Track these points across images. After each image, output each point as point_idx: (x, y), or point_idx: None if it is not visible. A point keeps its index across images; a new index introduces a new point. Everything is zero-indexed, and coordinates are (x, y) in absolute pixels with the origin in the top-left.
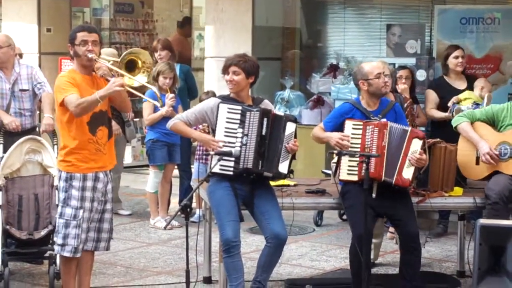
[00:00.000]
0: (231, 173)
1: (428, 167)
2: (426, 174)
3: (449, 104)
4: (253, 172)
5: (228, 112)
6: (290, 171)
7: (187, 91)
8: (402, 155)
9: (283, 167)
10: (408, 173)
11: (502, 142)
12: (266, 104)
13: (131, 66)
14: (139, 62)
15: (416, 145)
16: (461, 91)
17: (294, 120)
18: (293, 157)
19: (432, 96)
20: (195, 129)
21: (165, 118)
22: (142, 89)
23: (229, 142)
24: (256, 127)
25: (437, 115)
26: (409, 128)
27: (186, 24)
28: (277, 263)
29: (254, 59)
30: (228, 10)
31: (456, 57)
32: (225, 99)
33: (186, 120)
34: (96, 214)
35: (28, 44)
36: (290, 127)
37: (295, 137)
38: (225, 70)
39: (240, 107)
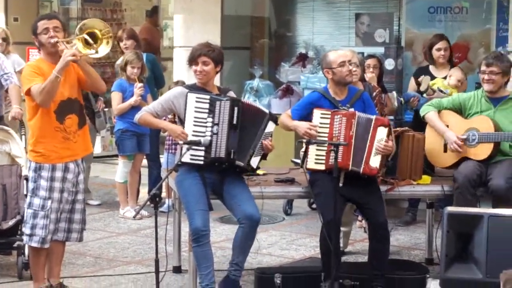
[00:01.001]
0: (201, 162)
1: (396, 155)
2: (395, 162)
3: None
4: (225, 162)
5: (197, 101)
6: (257, 168)
7: (154, 81)
8: (368, 143)
9: (254, 161)
10: (375, 161)
11: (470, 128)
12: (231, 94)
13: (92, 39)
14: (98, 32)
15: (382, 133)
16: None
17: (275, 121)
18: (265, 157)
19: (411, 84)
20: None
21: (135, 108)
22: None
23: (199, 132)
24: (227, 116)
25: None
26: (374, 117)
27: (154, 13)
28: (252, 245)
29: (219, 47)
30: None
31: (439, 49)
32: (192, 88)
33: (153, 111)
34: (67, 205)
35: None
36: (270, 127)
37: (271, 136)
38: (193, 61)
39: (208, 96)
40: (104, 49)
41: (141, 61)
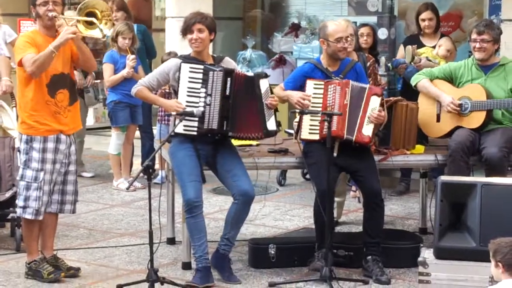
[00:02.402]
0: (195, 133)
1: (389, 125)
2: (388, 132)
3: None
4: (217, 133)
5: (190, 71)
6: (279, 124)
7: (146, 52)
8: (361, 112)
9: (271, 124)
10: (367, 130)
11: (462, 97)
12: (227, 62)
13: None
14: (98, 12)
15: (375, 102)
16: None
17: (265, 75)
18: (276, 110)
19: (402, 52)
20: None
21: (127, 80)
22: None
23: (193, 102)
24: (220, 87)
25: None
26: (367, 86)
27: None
28: (245, 220)
29: (211, 16)
30: None
31: (423, 20)
32: (187, 58)
33: (149, 85)
34: (59, 176)
35: None
36: (264, 84)
37: (271, 92)
38: (188, 30)
39: (202, 66)
40: (102, 30)
41: (132, 32)
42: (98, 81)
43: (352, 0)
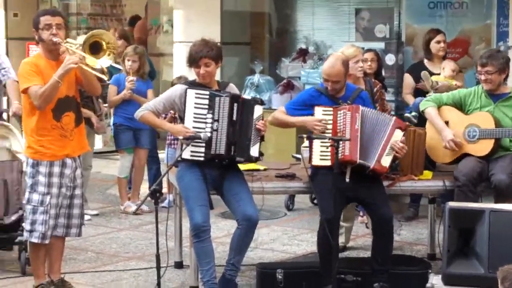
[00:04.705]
0: (202, 159)
1: None
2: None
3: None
4: (225, 158)
5: (196, 97)
6: (260, 154)
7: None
8: (383, 142)
9: (254, 151)
10: (386, 160)
11: (470, 124)
12: (232, 88)
13: (96, 48)
14: (104, 43)
15: (398, 135)
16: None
17: (261, 102)
18: (262, 139)
19: (408, 81)
20: (165, 117)
21: (127, 102)
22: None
23: (199, 128)
24: (227, 113)
25: (411, 101)
26: (394, 118)
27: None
28: (249, 245)
29: (216, 43)
30: None
31: (438, 42)
32: (192, 84)
33: (155, 109)
34: (65, 200)
35: None
36: (257, 110)
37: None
38: (194, 63)
39: (207, 92)
40: (105, 61)
41: (137, 55)
42: (106, 105)
43: (360, 26)
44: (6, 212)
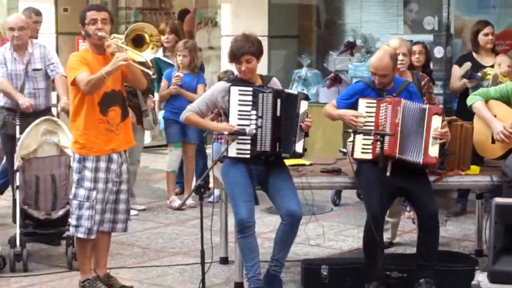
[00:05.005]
0: (248, 156)
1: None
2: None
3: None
4: (271, 155)
5: (240, 94)
6: (304, 149)
7: None
8: (424, 134)
9: (298, 147)
10: (434, 151)
11: None
12: (274, 82)
13: (139, 42)
14: (146, 36)
15: (437, 121)
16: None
17: (306, 97)
18: (306, 135)
19: (456, 72)
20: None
21: (174, 97)
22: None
23: (244, 125)
24: (271, 109)
25: (455, 85)
26: (427, 106)
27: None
28: (293, 241)
29: (256, 37)
30: None
31: (486, 34)
32: (234, 81)
33: (198, 110)
34: (111, 195)
35: (45, 24)
36: (303, 106)
37: (307, 116)
38: (236, 59)
39: (251, 88)
40: (149, 55)
41: (187, 49)
42: (155, 99)
43: (408, 18)
44: (53, 207)
